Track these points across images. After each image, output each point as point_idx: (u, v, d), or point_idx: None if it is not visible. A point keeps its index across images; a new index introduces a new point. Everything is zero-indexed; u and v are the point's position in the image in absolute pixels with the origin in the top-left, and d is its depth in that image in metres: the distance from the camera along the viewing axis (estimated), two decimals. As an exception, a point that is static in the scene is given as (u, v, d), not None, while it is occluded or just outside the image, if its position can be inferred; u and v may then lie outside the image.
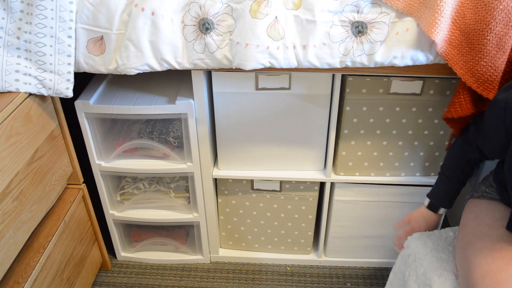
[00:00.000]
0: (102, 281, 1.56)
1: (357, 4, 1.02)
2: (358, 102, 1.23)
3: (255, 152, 1.37)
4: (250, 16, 1.02)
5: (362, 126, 1.27)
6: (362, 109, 1.24)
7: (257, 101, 1.26)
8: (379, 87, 1.20)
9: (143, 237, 1.62)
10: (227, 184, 1.46)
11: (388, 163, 1.34)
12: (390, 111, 1.24)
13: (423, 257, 1.06)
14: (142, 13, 1.04)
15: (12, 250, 1.04)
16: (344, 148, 1.32)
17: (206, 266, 1.62)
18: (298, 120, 1.29)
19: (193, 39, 1.08)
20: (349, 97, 1.22)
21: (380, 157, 1.33)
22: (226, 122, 1.31)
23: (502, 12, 0.94)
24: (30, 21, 1.04)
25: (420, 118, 1.25)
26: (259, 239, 1.59)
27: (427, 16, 0.98)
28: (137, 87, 1.35)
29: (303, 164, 1.39)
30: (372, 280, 1.55)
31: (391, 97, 1.21)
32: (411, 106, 1.23)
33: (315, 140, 1.34)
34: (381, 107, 1.23)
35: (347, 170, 1.36)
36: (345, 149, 1.32)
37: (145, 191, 1.49)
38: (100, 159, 1.38)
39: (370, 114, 1.25)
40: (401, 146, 1.30)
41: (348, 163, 1.35)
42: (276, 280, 1.55)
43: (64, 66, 1.08)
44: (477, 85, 1.00)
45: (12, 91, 1.04)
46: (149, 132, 1.40)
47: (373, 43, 1.04)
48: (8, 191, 1.00)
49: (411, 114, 1.24)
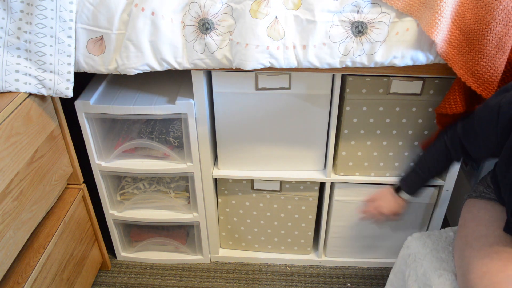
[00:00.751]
0: (102, 281, 1.56)
1: (357, 4, 1.02)
2: (358, 102, 1.23)
3: (255, 152, 1.37)
4: (250, 16, 1.02)
5: (362, 126, 1.27)
6: (362, 109, 1.24)
7: (257, 101, 1.26)
8: (379, 87, 1.20)
9: (143, 237, 1.62)
10: (227, 184, 1.46)
11: (388, 163, 1.35)
12: (390, 111, 1.24)
13: (423, 257, 1.06)
14: (142, 13, 1.04)
15: (12, 250, 1.04)
16: (344, 148, 1.32)
17: (206, 266, 1.62)
18: (298, 120, 1.29)
19: (193, 39, 1.08)
20: (349, 97, 1.22)
21: (380, 157, 1.33)
22: (226, 122, 1.31)
23: (502, 12, 0.94)
24: (30, 21, 1.04)
25: (420, 118, 1.25)
26: (259, 239, 1.59)
27: (427, 16, 0.98)
28: (137, 87, 1.35)
29: (303, 164, 1.39)
30: (372, 280, 1.55)
31: (391, 97, 1.21)
32: (411, 106, 1.23)
33: (315, 140, 1.34)
34: (381, 107, 1.24)
35: (347, 170, 1.36)
36: (345, 149, 1.32)
37: (145, 191, 1.49)
38: (100, 159, 1.38)
39: (370, 114, 1.25)
40: (401, 146, 1.31)
41: (348, 163, 1.35)
42: (276, 280, 1.55)
43: (64, 66, 1.08)
44: (477, 85, 1.00)
45: (12, 91, 1.04)
46: (149, 132, 1.40)
47: (373, 43, 1.04)
48: (8, 191, 1.00)
49: (411, 114, 1.25)
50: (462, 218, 1.04)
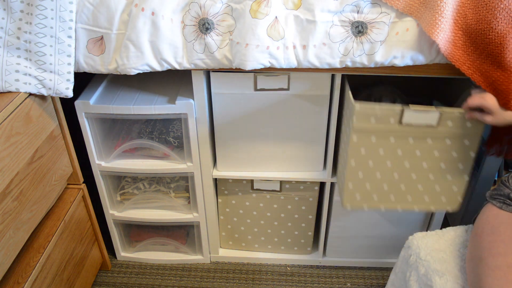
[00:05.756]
0: (102, 281, 1.56)
1: (357, 4, 1.02)
2: (366, 132, 1.10)
3: (254, 153, 1.37)
4: (250, 16, 1.02)
5: (370, 158, 1.14)
6: (371, 140, 1.11)
7: (256, 102, 1.26)
8: (389, 117, 1.07)
9: (143, 237, 1.62)
10: (227, 184, 1.46)
11: (400, 197, 1.20)
12: (402, 142, 1.11)
13: (424, 257, 1.06)
14: (142, 13, 1.04)
15: (12, 250, 1.04)
16: (351, 180, 1.18)
17: (206, 266, 1.61)
18: (297, 120, 1.29)
19: (193, 39, 1.08)
20: (356, 127, 1.09)
21: (391, 190, 1.19)
22: (225, 123, 1.31)
23: (503, 11, 0.94)
24: (30, 21, 1.04)
25: (436, 150, 1.11)
26: (259, 239, 1.59)
27: (427, 17, 0.98)
28: (137, 87, 1.35)
29: (303, 165, 1.39)
30: (372, 280, 1.55)
31: (403, 128, 1.08)
32: (425, 137, 1.09)
33: (315, 140, 1.33)
34: (392, 138, 1.10)
35: (354, 203, 1.23)
36: (352, 181, 1.18)
37: (145, 191, 1.49)
38: (100, 159, 1.38)
39: (380, 145, 1.12)
40: (415, 179, 1.17)
41: (355, 196, 1.21)
42: (276, 280, 1.55)
43: (64, 66, 1.08)
44: (486, 85, 0.99)
45: (12, 91, 1.04)
46: (149, 132, 1.40)
47: (373, 43, 1.04)
48: (8, 191, 1.00)
49: (426, 146, 1.11)
50: (479, 226, 0.97)
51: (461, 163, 1.12)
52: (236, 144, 1.35)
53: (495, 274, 0.85)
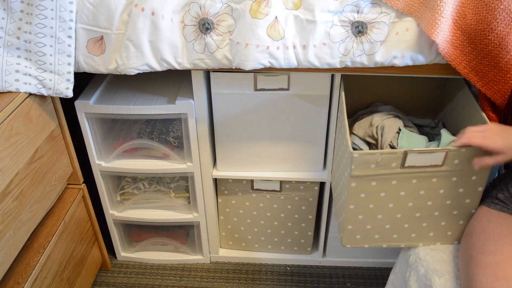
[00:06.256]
0: (102, 281, 1.56)
1: (357, 4, 1.02)
2: (366, 178, 1.02)
3: (254, 153, 1.37)
4: (250, 16, 1.02)
5: (371, 201, 1.07)
6: (371, 184, 1.03)
7: (256, 102, 1.26)
8: (391, 162, 0.99)
9: (143, 237, 1.62)
10: (227, 184, 1.46)
11: (403, 235, 1.13)
12: (406, 184, 1.03)
13: (424, 257, 1.06)
14: (142, 13, 1.04)
15: (12, 250, 1.04)
16: (350, 222, 1.11)
17: (206, 266, 1.62)
18: (297, 120, 1.29)
19: (193, 39, 1.08)
20: (354, 174, 1.01)
21: (394, 229, 1.12)
22: (225, 123, 1.31)
23: (503, 12, 0.94)
24: (30, 21, 1.04)
25: (442, 189, 1.04)
26: (259, 239, 1.59)
27: (427, 17, 0.98)
28: (137, 87, 1.35)
29: (303, 165, 1.39)
30: (372, 280, 1.55)
31: (406, 170, 1.01)
32: (430, 177, 1.02)
33: (315, 140, 1.33)
34: (394, 181, 1.03)
35: (355, 243, 1.15)
36: (352, 224, 1.11)
37: (145, 191, 1.49)
38: (100, 159, 1.38)
39: (381, 188, 1.04)
40: (419, 217, 1.10)
41: (355, 236, 1.14)
42: (276, 280, 1.55)
43: (64, 66, 1.08)
44: (482, 84, 0.99)
45: (12, 91, 1.04)
46: (149, 132, 1.40)
47: (373, 43, 1.04)
48: (8, 191, 1.00)
49: (431, 185, 1.04)
50: (470, 225, 0.98)
51: (468, 199, 1.06)
52: (236, 144, 1.35)
53: (485, 272, 0.86)
